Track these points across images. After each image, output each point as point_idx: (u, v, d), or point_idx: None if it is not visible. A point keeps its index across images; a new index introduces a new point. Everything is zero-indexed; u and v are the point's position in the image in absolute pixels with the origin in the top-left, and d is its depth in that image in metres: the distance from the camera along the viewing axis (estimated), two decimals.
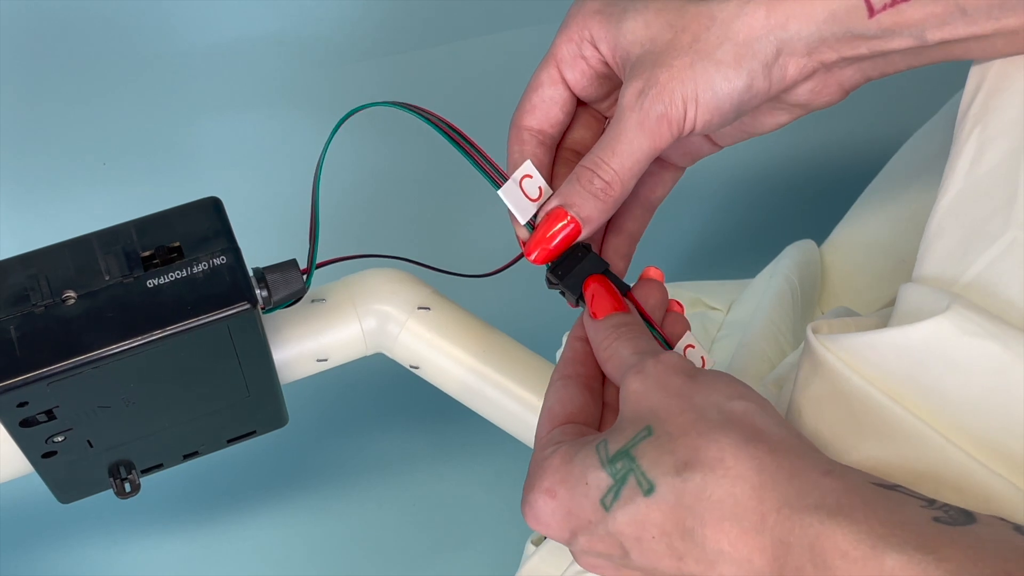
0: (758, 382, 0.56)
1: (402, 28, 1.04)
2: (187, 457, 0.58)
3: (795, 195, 0.96)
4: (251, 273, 0.51)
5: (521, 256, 0.52)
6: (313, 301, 0.59)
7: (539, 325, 0.64)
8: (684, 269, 0.91)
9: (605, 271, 0.48)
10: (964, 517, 0.37)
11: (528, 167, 0.48)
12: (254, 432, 0.59)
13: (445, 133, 0.48)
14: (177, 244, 0.51)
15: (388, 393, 0.80)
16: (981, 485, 0.41)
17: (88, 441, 0.53)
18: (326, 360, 0.59)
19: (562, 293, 0.49)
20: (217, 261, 0.50)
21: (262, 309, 0.51)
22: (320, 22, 1.04)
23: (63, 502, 0.57)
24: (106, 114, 1.00)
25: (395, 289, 0.60)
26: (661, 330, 0.48)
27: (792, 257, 0.65)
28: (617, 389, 0.45)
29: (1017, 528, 0.37)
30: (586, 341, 0.47)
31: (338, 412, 0.81)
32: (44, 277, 0.49)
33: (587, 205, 0.47)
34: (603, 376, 0.47)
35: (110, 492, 0.56)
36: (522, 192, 0.48)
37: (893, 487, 0.38)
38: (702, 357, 0.48)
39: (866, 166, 0.67)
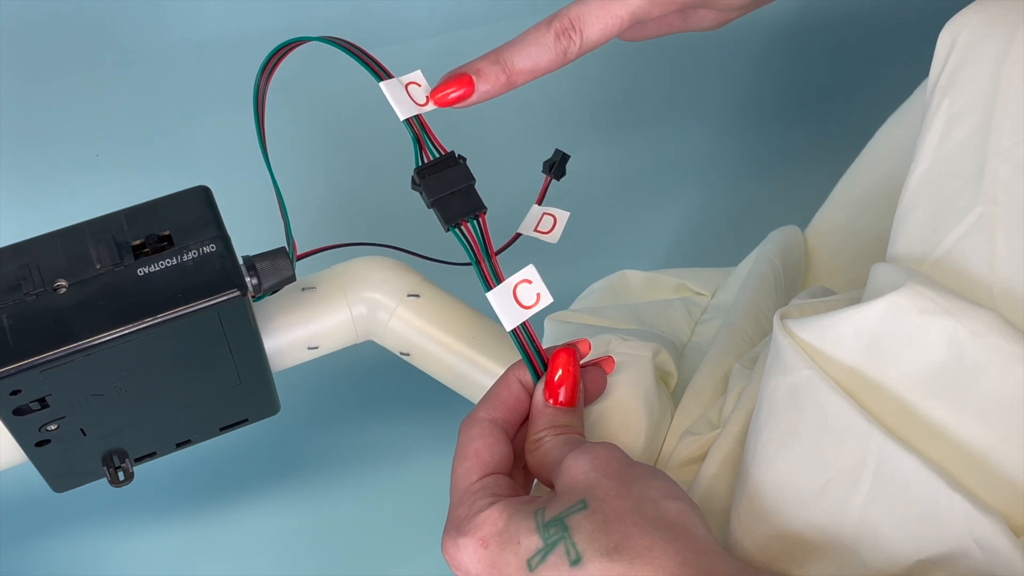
0: (737, 361, 0.57)
1: (398, 20, 1.05)
2: (180, 445, 0.59)
3: (780, 181, 0.97)
4: (241, 261, 0.51)
5: (509, 245, 0.53)
6: (303, 289, 0.59)
7: None
8: (670, 257, 0.91)
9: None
10: None
11: (418, 76, 0.50)
12: (246, 420, 0.59)
13: (364, 62, 0.49)
14: (167, 232, 0.51)
15: (381, 381, 0.81)
16: (905, 480, 0.42)
17: (81, 429, 0.53)
18: (317, 348, 0.60)
19: (420, 193, 0.49)
20: (207, 249, 0.51)
21: (252, 297, 0.52)
22: (314, 16, 1.04)
23: (57, 491, 0.58)
24: (100, 105, 1.00)
25: (385, 277, 0.60)
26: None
27: (776, 241, 0.66)
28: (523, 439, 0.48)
29: None
30: (523, 386, 0.49)
31: (330, 400, 0.81)
32: (36, 266, 0.50)
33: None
34: (520, 424, 0.49)
35: (104, 481, 0.57)
36: (408, 95, 0.49)
37: None
38: (537, 294, 0.48)
39: (848, 149, 0.68)
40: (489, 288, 0.48)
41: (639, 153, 1.00)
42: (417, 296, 0.60)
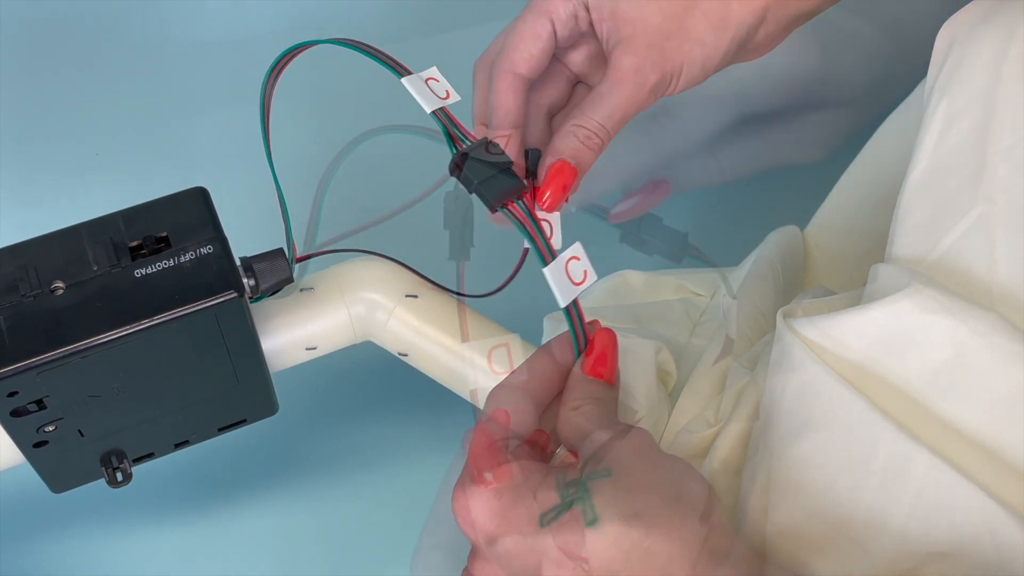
0: (736, 360, 0.57)
1: (395, 20, 1.04)
2: (178, 446, 0.59)
3: (779, 181, 0.96)
4: (238, 262, 0.51)
5: (515, 275, 0.53)
6: (302, 290, 0.59)
7: (525, 311, 0.65)
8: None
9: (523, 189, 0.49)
10: None
11: (434, 72, 0.50)
12: (245, 420, 0.59)
13: (383, 61, 0.50)
14: (164, 234, 0.51)
15: (380, 381, 0.81)
16: (914, 473, 0.42)
17: (79, 430, 0.53)
18: (315, 348, 0.59)
19: (460, 180, 0.49)
20: (204, 250, 0.51)
21: (249, 298, 0.52)
22: (313, 16, 1.04)
23: (55, 492, 0.58)
24: (99, 105, 1.00)
25: (383, 277, 0.60)
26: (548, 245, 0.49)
27: (775, 242, 0.66)
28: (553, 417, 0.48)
29: None
30: (556, 365, 0.49)
31: (329, 401, 0.81)
32: (33, 267, 0.50)
33: (584, 156, 0.50)
34: (548, 400, 0.48)
35: (103, 482, 0.57)
36: (429, 89, 0.49)
37: None
38: (585, 271, 0.48)
39: (846, 149, 0.68)
40: (546, 264, 0.47)
41: None
42: (415, 296, 0.60)
